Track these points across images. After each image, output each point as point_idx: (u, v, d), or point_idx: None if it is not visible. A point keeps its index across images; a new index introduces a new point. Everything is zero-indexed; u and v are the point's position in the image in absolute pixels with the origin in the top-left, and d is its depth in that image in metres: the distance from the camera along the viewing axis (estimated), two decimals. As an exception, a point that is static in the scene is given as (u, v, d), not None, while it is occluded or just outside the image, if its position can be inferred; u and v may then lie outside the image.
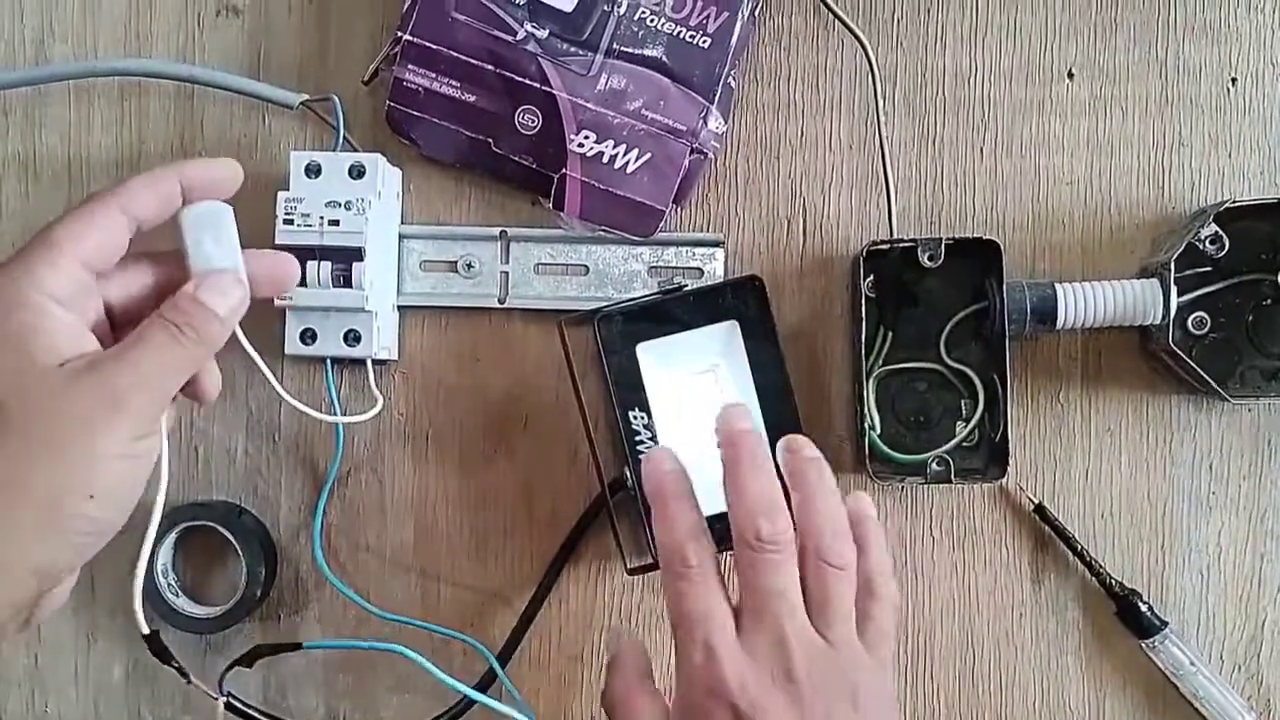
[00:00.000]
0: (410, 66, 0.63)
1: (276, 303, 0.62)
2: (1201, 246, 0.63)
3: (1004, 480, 0.64)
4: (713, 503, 0.62)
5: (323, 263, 0.61)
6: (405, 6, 0.63)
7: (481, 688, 0.64)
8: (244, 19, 0.67)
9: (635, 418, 0.63)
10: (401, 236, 0.66)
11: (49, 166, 0.68)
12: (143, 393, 0.49)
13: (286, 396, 0.59)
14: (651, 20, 0.63)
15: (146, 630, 0.56)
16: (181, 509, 0.66)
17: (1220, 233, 0.63)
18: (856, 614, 0.55)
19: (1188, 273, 0.63)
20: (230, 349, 0.67)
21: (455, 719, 0.65)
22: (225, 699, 0.61)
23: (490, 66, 0.63)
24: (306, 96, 0.65)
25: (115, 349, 0.50)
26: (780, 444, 0.57)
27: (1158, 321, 0.62)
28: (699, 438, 0.63)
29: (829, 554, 0.54)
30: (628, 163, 0.64)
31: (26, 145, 0.68)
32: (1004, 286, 0.62)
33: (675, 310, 0.64)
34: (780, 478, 0.56)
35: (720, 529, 0.62)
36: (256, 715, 0.62)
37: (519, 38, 0.63)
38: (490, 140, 0.64)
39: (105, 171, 0.67)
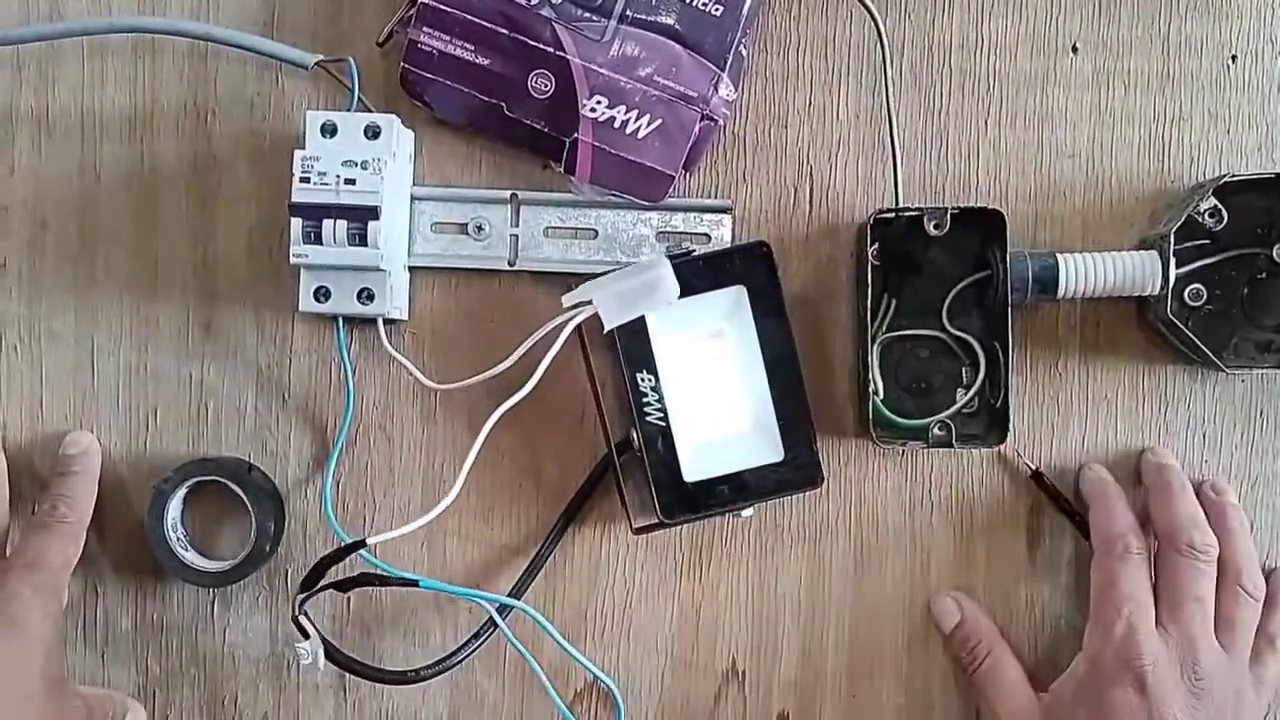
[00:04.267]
0: (425, 29, 0.64)
1: (291, 260, 0.62)
2: (1200, 220, 0.64)
3: (1003, 446, 0.65)
4: (720, 464, 0.63)
5: (339, 221, 0.61)
6: (421, -31, 0.64)
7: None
8: (258, -22, 0.68)
9: (643, 380, 0.64)
10: (413, 198, 0.67)
11: (61, 122, 0.68)
12: None
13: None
14: (666, -13, 0.64)
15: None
16: (191, 464, 0.67)
17: (1219, 206, 0.64)
18: (1254, 648, 0.64)
19: (1186, 245, 0.65)
20: (242, 306, 0.68)
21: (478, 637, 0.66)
22: (302, 615, 0.61)
23: (504, 30, 0.64)
24: (321, 57, 0.66)
25: None
26: (1207, 484, 0.66)
27: (1156, 292, 0.64)
28: (705, 400, 0.64)
29: (1248, 583, 0.63)
30: (639, 128, 0.64)
31: (40, 101, 0.68)
32: (1007, 256, 0.63)
33: (683, 275, 0.64)
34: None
35: (728, 490, 0.63)
36: (329, 641, 0.62)
37: (533, 2, 0.64)
38: (503, 104, 0.65)
39: (118, 128, 0.68)
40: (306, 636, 0.61)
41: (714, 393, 0.64)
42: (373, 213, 0.61)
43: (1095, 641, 0.63)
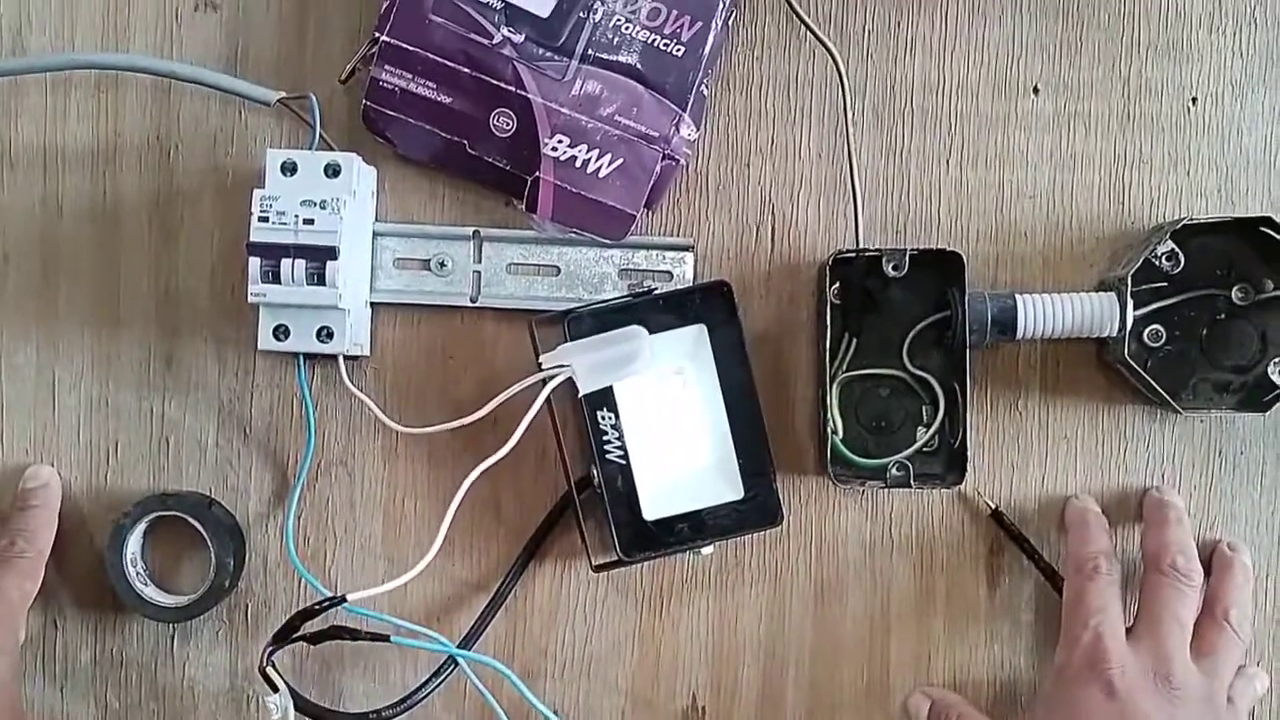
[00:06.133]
0: (387, 67, 0.64)
1: (250, 299, 0.62)
2: (1158, 262, 0.65)
3: (962, 486, 0.65)
4: (680, 502, 0.63)
5: (297, 260, 0.61)
6: (383, 7, 0.64)
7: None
8: (222, 14, 0.68)
9: (603, 418, 0.64)
10: (376, 234, 0.67)
11: (24, 156, 0.68)
12: None
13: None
14: (626, 28, 0.64)
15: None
16: (152, 499, 0.67)
17: (1176, 249, 0.64)
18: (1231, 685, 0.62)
19: (1144, 287, 0.65)
20: (204, 340, 0.68)
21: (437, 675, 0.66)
22: (269, 667, 0.61)
23: (466, 69, 0.64)
24: (284, 94, 0.66)
25: None
26: (1224, 542, 0.66)
27: (1114, 334, 0.64)
28: (666, 438, 0.64)
29: (1235, 619, 0.62)
30: (600, 167, 0.64)
31: (2, 134, 0.68)
32: (966, 297, 0.63)
33: (644, 313, 0.64)
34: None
35: (688, 528, 0.63)
36: (296, 690, 0.62)
37: (495, 41, 0.64)
38: (465, 142, 0.65)
39: (80, 162, 0.68)
40: (275, 689, 0.61)
41: (674, 431, 0.64)
42: (331, 253, 0.62)
43: (1062, 655, 0.62)
